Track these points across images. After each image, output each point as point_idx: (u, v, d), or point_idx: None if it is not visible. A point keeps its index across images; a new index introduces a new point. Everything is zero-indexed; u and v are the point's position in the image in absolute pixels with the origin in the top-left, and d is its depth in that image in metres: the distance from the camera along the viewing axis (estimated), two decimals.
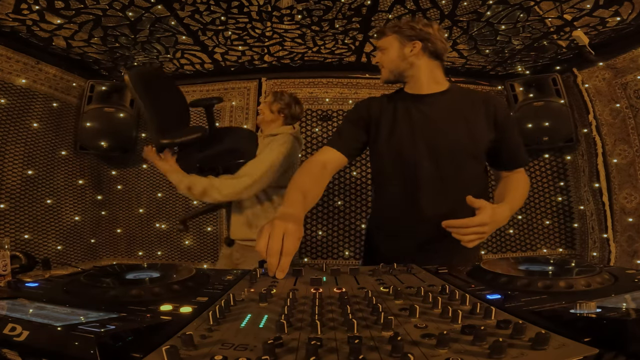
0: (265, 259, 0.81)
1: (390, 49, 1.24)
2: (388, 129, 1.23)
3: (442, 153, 1.17)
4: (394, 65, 1.24)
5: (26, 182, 2.56)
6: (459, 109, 1.20)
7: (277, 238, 0.81)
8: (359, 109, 1.30)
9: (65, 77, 2.83)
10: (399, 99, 1.28)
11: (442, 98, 1.22)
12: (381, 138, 1.23)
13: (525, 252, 3.04)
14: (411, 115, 1.22)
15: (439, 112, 1.20)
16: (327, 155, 1.22)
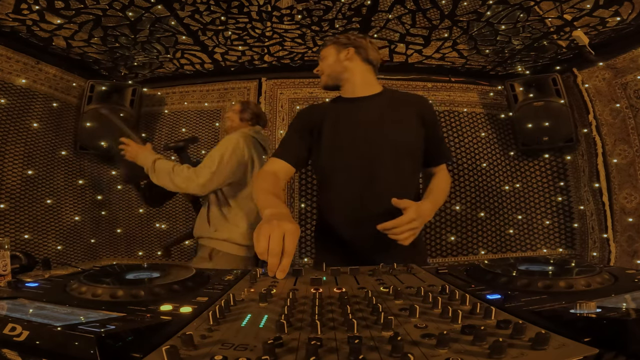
0: (266, 261, 0.80)
1: (328, 57, 1.35)
2: (328, 132, 1.28)
3: (376, 153, 1.22)
4: (331, 70, 1.34)
5: (26, 182, 2.56)
6: (392, 110, 1.28)
7: (278, 239, 0.81)
8: (301, 117, 1.36)
9: (65, 77, 2.83)
10: (338, 103, 1.36)
11: (375, 100, 1.31)
12: (322, 142, 1.28)
13: (525, 252, 3.04)
14: (346, 117, 1.28)
15: (374, 113, 1.27)
16: (275, 165, 1.26)
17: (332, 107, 1.35)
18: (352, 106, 1.30)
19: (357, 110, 1.28)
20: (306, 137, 1.31)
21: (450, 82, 3.18)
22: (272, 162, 1.27)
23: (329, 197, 1.31)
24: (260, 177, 1.21)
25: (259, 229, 0.84)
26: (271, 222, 0.84)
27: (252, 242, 1.88)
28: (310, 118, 1.33)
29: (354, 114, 1.28)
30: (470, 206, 3.03)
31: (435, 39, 2.59)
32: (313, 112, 1.36)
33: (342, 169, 1.25)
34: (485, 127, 3.15)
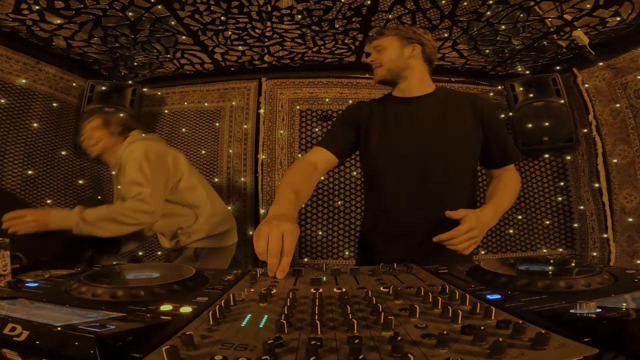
0: (266, 261, 0.80)
1: (389, 49, 1.25)
2: (378, 132, 1.25)
3: (433, 154, 1.19)
4: (394, 65, 1.26)
5: (26, 182, 2.56)
6: (447, 110, 1.23)
7: (277, 239, 0.81)
8: (350, 111, 1.33)
9: (65, 77, 2.83)
10: (388, 102, 1.30)
11: (430, 100, 1.26)
12: (372, 141, 1.25)
13: (525, 252, 3.04)
14: (400, 117, 1.24)
15: (428, 114, 1.23)
16: (318, 155, 1.23)
17: (383, 105, 1.30)
18: (404, 106, 1.26)
19: (411, 111, 1.24)
20: (352, 132, 1.28)
21: (450, 82, 3.18)
22: (315, 151, 1.24)
23: (379, 199, 1.28)
24: (295, 166, 1.19)
25: (258, 229, 0.84)
26: (270, 222, 0.84)
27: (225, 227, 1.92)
28: (359, 113, 1.30)
29: (406, 114, 1.24)
30: None
31: (435, 39, 2.59)
32: (362, 108, 1.32)
33: (394, 170, 1.22)
34: None
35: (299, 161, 1.22)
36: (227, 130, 3.17)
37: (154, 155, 1.65)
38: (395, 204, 1.22)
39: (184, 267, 0.81)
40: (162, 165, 1.67)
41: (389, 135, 1.23)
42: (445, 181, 1.19)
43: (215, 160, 3.15)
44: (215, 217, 1.87)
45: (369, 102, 1.35)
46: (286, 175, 1.14)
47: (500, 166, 1.27)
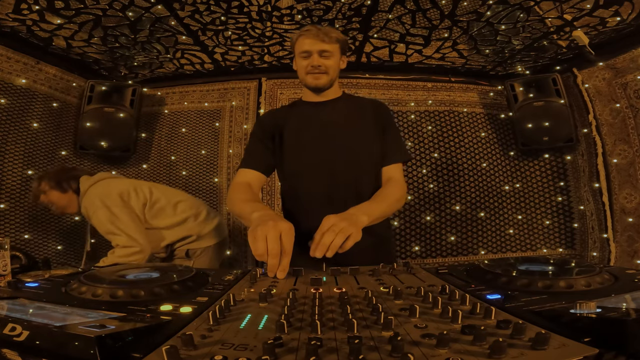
0: (266, 262, 0.80)
1: (335, 57, 1.28)
2: (290, 135, 1.29)
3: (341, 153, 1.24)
4: (335, 74, 1.30)
5: (26, 182, 2.56)
6: (351, 112, 1.30)
7: (275, 239, 0.80)
8: (261, 123, 1.35)
9: (65, 77, 2.83)
10: (298, 107, 1.35)
11: (336, 104, 1.32)
12: (285, 145, 1.29)
13: (525, 252, 3.04)
14: (311, 120, 1.29)
15: (335, 116, 1.29)
16: (247, 176, 1.26)
17: (294, 111, 1.35)
18: (314, 110, 1.31)
19: (320, 115, 1.29)
20: (269, 144, 1.31)
21: (450, 82, 3.18)
22: (242, 173, 1.26)
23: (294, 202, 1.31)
24: (235, 189, 1.20)
25: (254, 231, 0.83)
26: (266, 223, 0.83)
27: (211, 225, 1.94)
28: (271, 123, 1.33)
29: (317, 118, 1.29)
30: (470, 206, 3.03)
31: (435, 39, 2.59)
32: (274, 116, 1.36)
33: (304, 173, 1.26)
34: (485, 127, 3.15)
35: (233, 185, 1.24)
36: (227, 130, 3.17)
37: (110, 198, 1.67)
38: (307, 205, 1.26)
39: (184, 267, 0.81)
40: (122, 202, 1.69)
41: (298, 138, 1.28)
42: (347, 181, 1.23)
43: (215, 160, 3.15)
44: (199, 219, 1.92)
45: (281, 109, 1.41)
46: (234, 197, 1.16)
47: (386, 163, 1.28)
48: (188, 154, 3.14)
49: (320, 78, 1.27)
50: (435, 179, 3.05)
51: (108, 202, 1.65)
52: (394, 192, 1.21)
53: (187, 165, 3.14)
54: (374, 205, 1.12)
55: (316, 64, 1.25)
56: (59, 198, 1.76)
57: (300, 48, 1.26)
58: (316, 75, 1.26)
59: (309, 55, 1.25)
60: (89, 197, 1.69)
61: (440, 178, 3.05)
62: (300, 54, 1.27)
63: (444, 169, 3.06)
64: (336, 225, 0.89)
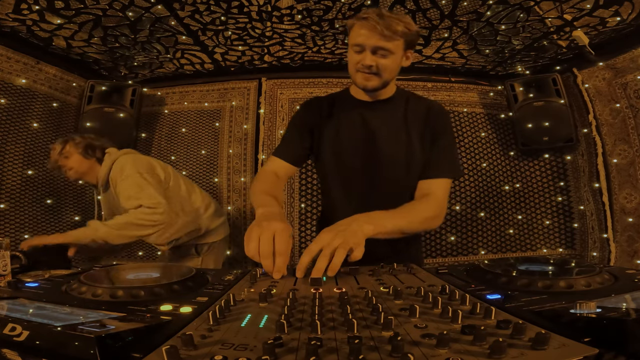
0: (260, 262, 0.79)
1: (395, 55, 1.05)
2: (331, 134, 1.19)
3: (381, 163, 1.16)
4: (392, 76, 1.10)
5: (26, 182, 2.56)
6: (400, 117, 1.16)
7: (268, 240, 0.79)
8: (302, 112, 1.25)
9: (65, 77, 2.83)
10: (344, 102, 1.21)
11: (386, 105, 1.18)
12: (324, 143, 1.20)
13: (525, 252, 3.04)
14: (355, 123, 1.18)
15: (382, 120, 1.17)
16: (275, 165, 1.21)
17: (339, 105, 1.22)
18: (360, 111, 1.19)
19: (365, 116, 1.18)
20: (306, 137, 1.22)
21: (450, 82, 3.18)
22: (272, 161, 1.22)
23: (329, 198, 1.28)
24: (259, 177, 1.17)
25: (249, 232, 0.82)
26: (260, 224, 0.82)
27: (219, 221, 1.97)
28: (312, 114, 1.23)
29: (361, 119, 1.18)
30: (470, 206, 3.03)
31: (435, 39, 2.59)
32: (316, 106, 1.24)
33: (341, 174, 1.20)
34: (485, 127, 3.15)
35: (261, 172, 1.20)
36: (227, 130, 3.17)
37: (142, 166, 1.69)
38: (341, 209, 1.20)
39: (184, 267, 0.81)
40: (152, 171, 1.72)
41: (340, 138, 1.18)
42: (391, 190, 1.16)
43: (215, 160, 3.15)
44: (209, 212, 1.94)
45: (326, 99, 1.26)
46: (254, 186, 1.12)
47: (424, 177, 1.12)
48: (188, 154, 3.14)
49: (371, 79, 1.08)
50: None
51: (140, 169, 1.66)
52: (425, 209, 1.05)
53: (187, 165, 3.14)
54: (389, 216, 0.95)
55: (368, 63, 1.04)
56: (80, 164, 1.73)
57: (354, 39, 1.04)
58: (367, 75, 1.07)
59: (362, 50, 1.04)
60: (119, 164, 1.69)
61: None
62: (352, 47, 1.06)
63: None
64: (329, 245, 0.78)
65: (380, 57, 1.04)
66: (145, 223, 1.57)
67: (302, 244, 3.01)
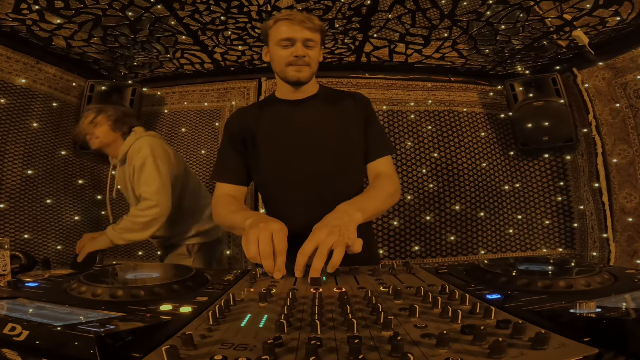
0: (260, 264, 0.80)
1: (318, 47, 1.15)
2: (264, 138, 1.18)
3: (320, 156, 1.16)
4: (317, 67, 1.18)
5: (26, 182, 2.56)
6: (330, 110, 1.20)
7: (267, 240, 0.80)
8: (230, 126, 1.23)
9: (65, 77, 2.83)
10: (272, 105, 1.23)
11: (314, 101, 1.22)
12: (259, 148, 1.18)
13: (525, 252, 3.04)
14: (288, 123, 1.19)
15: (312, 115, 1.19)
16: (224, 189, 1.19)
17: (268, 109, 1.23)
18: (290, 109, 1.20)
19: (296, 114, 1.19)
20: (241, 149, 1.20)
21: (450, 82, 3.18)
22: (220, 187, 1.19)
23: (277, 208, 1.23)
24: (219, 203, 1.14)
25: (247, 234, 0.82)
26: (258, 225, 0.83)
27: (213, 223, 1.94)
28: (241, 125, 1.21)
29: (292, 117, 1.19)
30: (470, 206, 3.03)
31: (435, 39, 2.59)
32: (244, 117, 1.23)
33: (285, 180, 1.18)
34: (485, 127, 3.15)
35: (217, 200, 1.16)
36: None
37: (160, 150, 1.76)
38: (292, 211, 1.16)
39: (184, 267, 0.82)
40: (167, 158, 1.78)
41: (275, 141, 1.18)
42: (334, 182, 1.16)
43: (215, 161, 3.15)
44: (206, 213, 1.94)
45: (252, 108, 1.28)
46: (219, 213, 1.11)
47: (372, 158, 1.19)
48: (188, 154, 3.14)
49: (303, 71, 1.13)
50: (435, 179, 3.05)
51: (156, 153, 1.73)
52: (387, 186, 1.12)
53: None
54: (366, 200, 1.01)
55: (301, 54, 1.10)
56: (107, 135, 1.79)
57: (281, 35, 1.10)
58: (299, 67, 1.12)
59: (292, 44, 1.10)
60: (140, 143, 1.75)
61: (440, 178, 3.05)
62: (279, 42, 1.11)
63: (444, 169, 3.06)
64: (325, 244, 0.77)
65: (309, 48, 1.12)
66: (140, 220, 1.65)
67: None
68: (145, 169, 1.69)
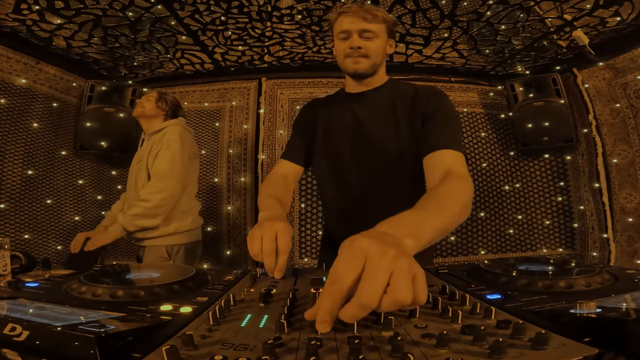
0: (262, 262, 0.80)
1: (380, 38, 1.10)
2: (324, 129, 1.21)
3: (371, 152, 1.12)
4: (379, 59, 1.12)
5: (26, 182, 2.56)
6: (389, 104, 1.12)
7: (270, 239, 0.80)
8: (301, 114, 1.29)
9: (65, 77, 2.83)
10: (338, 98, 1.24)
11: (375, 94, 1.15)
12: (318, 140, 1.21)
13: (525, 252, 3.04)
14: (344, 117, 1.17)
15: (369, 108, 1.14)
16: (284, 168, 1.22)
17: (332, 103, 1.24)
18: (350, 104, 1.18)
19: (354, 109, 1.16)
20: (308, 137, 1.24)
21: (450, 82, 3.18)
22: (281, 164, 1.23)
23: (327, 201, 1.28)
24: (268, 180, 1.19)
25: (251, 233, 0.83)
26: (262, 224, 0.83)
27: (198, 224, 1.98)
28: (310, 115, 1.26)
29: (350, 113, 1.16)
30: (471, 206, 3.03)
31: (435, 39, 2.59)
32: (312, 108, 1.28)
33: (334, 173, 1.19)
34: (485, 127, 3.15)
35: (270, 175, 1.21)
36: (227, 130, 3.17)
37: (187, 143, 1.87)
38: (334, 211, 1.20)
39: (184, 267, 0.82)
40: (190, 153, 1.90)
41: (331, 136, 1.19)
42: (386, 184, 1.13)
43: (215, 160, 3.15)
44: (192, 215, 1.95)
45: (322, 99, 1.29)
46: (263, 189, 1.15)
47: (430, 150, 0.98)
48: None
49: (360, 62, 1.09)
50: None
51: (185, 145, 1.85)
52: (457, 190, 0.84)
53: None
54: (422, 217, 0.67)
55: (356, 45, 1.07)
56: (152, 109, 1.94)
57: (339, 28, 1.09)
58: (355, 58, 1.09)
59: (349, 36, 1.08)
60: (180, 129, 1.88)
61: None
62: (338, 35, 1.10)
63: None
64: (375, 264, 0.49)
65: (366, 39, 1.08)
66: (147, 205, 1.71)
67: (302, 244, 3.01)
68: (169, 150, 1.77)
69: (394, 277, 0.43)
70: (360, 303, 0.42)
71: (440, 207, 0.74)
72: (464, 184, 0.87)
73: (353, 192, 1.17)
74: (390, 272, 0.43)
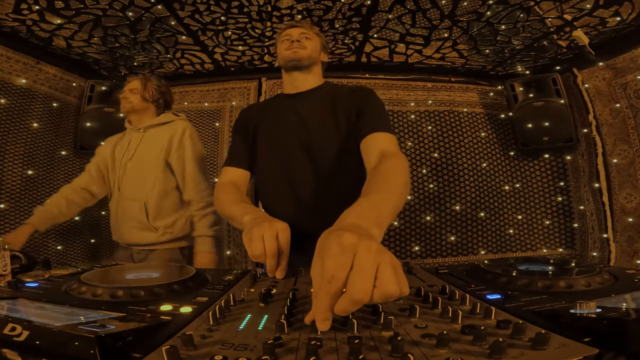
0: (263, 263, 0.79)
1: (315, 41, 1.27)
2: (265, 130, 1.23)
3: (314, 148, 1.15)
4: (315, 55, 1.26)
5: (26, 182, 2.56)
6: (326, 103, 1.20)
7: (272, 239, 0.79)
8: (240, 118, 1.30)
9: (65, 77, 2.83)
10: (277, 100, 1.30)
11: (314, 93, 1.24)
12: (260, 140, 1.22)
13: (525, 252, 3.04)
14: (287, 116, 1.21)
15: (310, 107, 1.21)
16: (230, 175, 1.20)
17: (272, 105, 1.28)
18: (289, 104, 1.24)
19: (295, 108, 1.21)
20: (249, 139, 1.25)
21: (450, 82, 3.18)
22: (226, 172, 1.21)
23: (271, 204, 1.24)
24: (221, 189, 1.15)
25: (250, 232, 0.81)
26: (262, 224, 0.81)
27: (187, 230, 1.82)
28: (248, 118, 1.28)
29: (291, 111, 1.21)
30: (470, 206, 3.03)
31: (435, 39, 2.59)
32: (251, 111, 1.31)
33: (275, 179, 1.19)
34: (485, 127, 3.15)
35: (219, 186, 1.17)
36: (227, 130, 3.17)
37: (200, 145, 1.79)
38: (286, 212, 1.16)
39: (184, 267, 0.82)
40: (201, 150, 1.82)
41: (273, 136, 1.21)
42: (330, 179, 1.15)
43: (215, 160, 3.15)
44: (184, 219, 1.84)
45: (260, 103, 1.35)
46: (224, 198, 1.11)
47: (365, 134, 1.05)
48: None
49: (298, 51, 1.20)
50: (435, 179, 3.05)
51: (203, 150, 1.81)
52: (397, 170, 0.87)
53: None
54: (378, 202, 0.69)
55: (296, 39, 1.22)
56: (139, 102, 1.83)
57: (284, 35, 1.26)
58: (295, 49, 1.20)
59: (290, 38, 1.24)
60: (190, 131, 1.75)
61: (440, 178, 3.05)
62: (282, 40, 1.25)
63: (444, 169, 3.06)
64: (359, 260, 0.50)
65: (305, 39, 1.24)
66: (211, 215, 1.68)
67: None
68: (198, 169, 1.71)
69: (381, 272, 0.45)
70: (353, 299, 0.44)
71: (388, 188, 0.78)
72: (401, 162, 0.92)
73: (305, 188, 1.16)
74: (376, 266, 0.45)
